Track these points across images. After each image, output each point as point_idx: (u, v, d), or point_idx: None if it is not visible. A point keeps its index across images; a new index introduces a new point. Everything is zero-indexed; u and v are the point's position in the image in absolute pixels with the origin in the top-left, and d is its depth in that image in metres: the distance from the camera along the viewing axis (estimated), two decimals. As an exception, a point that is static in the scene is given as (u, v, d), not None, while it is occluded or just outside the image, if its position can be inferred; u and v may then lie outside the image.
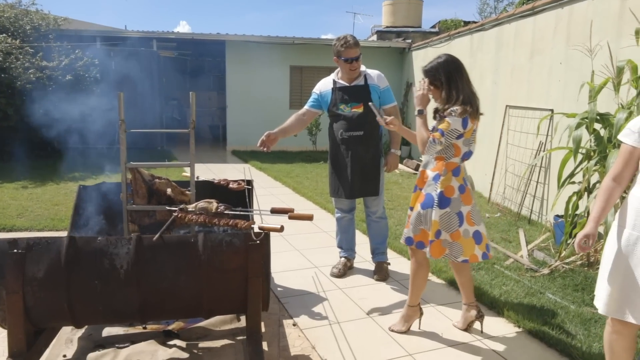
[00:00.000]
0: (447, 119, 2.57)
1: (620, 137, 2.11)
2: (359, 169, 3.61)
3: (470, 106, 2.58)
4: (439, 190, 2.63)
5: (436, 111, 2.72)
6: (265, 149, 3.48)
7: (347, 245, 3.94)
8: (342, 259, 3.92)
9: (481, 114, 2.67)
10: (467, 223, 2.66)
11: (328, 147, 3.82)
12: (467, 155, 2.70)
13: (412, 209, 2.81)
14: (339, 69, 3.62)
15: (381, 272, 3.77)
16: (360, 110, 3.54)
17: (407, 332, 2.94)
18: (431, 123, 2.72)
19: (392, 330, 2.94)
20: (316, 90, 3.73)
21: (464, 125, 2.57)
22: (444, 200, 2.63)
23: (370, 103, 3.06)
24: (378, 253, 3.86)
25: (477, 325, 2.96)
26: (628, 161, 2.04)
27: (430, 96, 2.72)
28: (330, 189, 3.84)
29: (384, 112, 3.66)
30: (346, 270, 3.87)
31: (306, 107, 3.75)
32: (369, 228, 3.90)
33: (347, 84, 3.58)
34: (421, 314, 2.96)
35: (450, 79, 2.61)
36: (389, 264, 3.88)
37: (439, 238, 2.65)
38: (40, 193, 6.43)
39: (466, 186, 2.69)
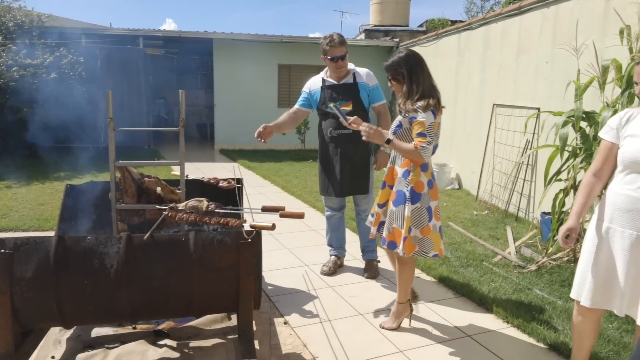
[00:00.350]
0: (418, 119, 2.59)
1: (600, 134, 2.18)
2: (348, 167, 3.62)
3: (432, 99, 2.62)
4: (409, 187, 2.65)
5: (398, 106, 2.76)
6: (262, 140, 3.44)
7: (337, 244, 3.95)
8: (332, 257, 3.93)
9: (443, 107, 2.72)
10: (435, 218, 2.70)
11: (317, 146, 3.83)
12: (434, 150, 2.69)
13: (380, 205, 2.83)
14: (327, 67, 3.62)
15: (371, 270, 3.78)
16: (349, 108, 3.53)
17: (398, 329, 2.96)
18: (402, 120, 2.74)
19: (383, 328, 2.96)
20: (306, 89, 3.73)
21: (434, 116, 2.61)
22: (415, 196, 2.65)
23: (331, 104, 3.08)
24: (368, 251, 3.87)
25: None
26: (607, 157, 2.12)
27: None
28: (320, 187, 3.84)
29: (374, 110, 3.67)
30: (336, 268, 3.88)
31: (296, 106, 3.75)
32: (358, 226, 3.91)
33: (336, 82, 3.58)
34: (411, 310, 2.97)
35: (412, 73, 2.65)
36: (379, 261, 3.89)
37: (410, 234, 2.65)
38: (24, 193, 6.33)
39: (434, 181, 2.74)
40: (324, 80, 3.64)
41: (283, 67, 11.68)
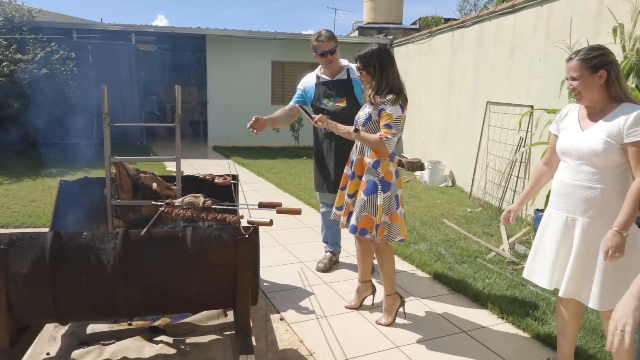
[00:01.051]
0: (386, 111, 2.70)
1: (549, 128, 2.43)
2: (342, 163, 3.61)
3: (400, 94, 2.74)
4: (380, 176, 2.77)
5: (367, 98, 2.84)
6: (255, 132, 3.42)
7: (332, 240, 3.95)
8: (328, 253, 3.93)
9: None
10: (401, 205, 2.85)
11: (311, 143, 3.83)
12: (399, 142, 2.84)
13: (350, 196, 2.91)
14: (320, 64, 3.63)
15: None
16: (343, 104, 3.54)
17: (394, 324, 2.97)
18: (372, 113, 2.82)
19: (380, 324, 2.97)
20: (300, 86, 3.74)
21: (402, 109, 2.73)
22: (386, 185, 2.77)
23: (299, 106, 3.22)
24: None
25: (368, 300, 3.22)
26: (553, 148, 2.36)
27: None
28: (314, 183, 3.85)
29: None
30: (332, 264, 3.89)
31: (291, 103, 3.75)
32: None
33: (330, 79, 3.59)
34: (402, 301, 3.02)
35: (382, 67, 2.74)
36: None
37: (382, 221, 2.78)
38: (16, 189, 6.26)
39: (399, 171, 2.91)
40: (318, 77, 3.64)
41: (276, 63, 11.65)
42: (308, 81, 3.71)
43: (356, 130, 2.83)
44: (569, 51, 4.11)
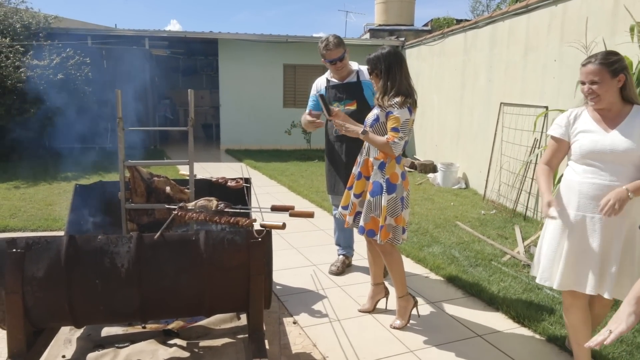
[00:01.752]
0: (393, 114, 2.70)
1: (549, 132, 2.42)
2: (353, 166, 3.60)
3: (409, 97, 2.74)
4: (386, 177, 2.77)
5: (376, 100, 2.84)
6: (317, 125, 3.59)
7: (345, 243, 3.94)
8: (341, 256, 3.92)
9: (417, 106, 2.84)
10: (405, 207, 2.85)
11: (323, 145, 3.83)
12: (406, 145, 2.83)
13: (357, 196, 2.92)
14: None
15: None
16: (353, 107, 3.53)
17: (408, 327, 2.95)
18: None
19: (394, 327, 2.94)
20: (314, 91, 3.75)
21: (410, 112, 2.73)
22: (391, 187, 2.77)
23: (319, 94, 3.07)
24: None
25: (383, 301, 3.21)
26: (555, 151, 2.39)
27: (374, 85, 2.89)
28: (327, 186, 3.85)
29: None
30: (345, 267, 3.87)
31: (308, 109, 3.78)
32: None
33: (340, 82, 3.59)
34: (415, 302, 3.00)
35: (389, 70, 2.75)
36: None
37: (385, 223, 2.77)
38: (32, 193, 6.36)
39: (406, 173, 2.87)
40: (328, 81, 3.65)
41: (288, 67, 11.68)
42: (319, 85, 3.72)
43: (364, 132, 2.84)
44: (584, 51, 4.05)
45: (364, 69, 3.63)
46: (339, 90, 3.57)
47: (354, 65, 3.61)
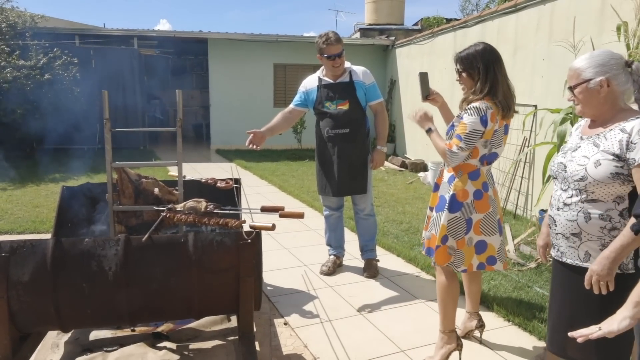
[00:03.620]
0: (463, 120, 2.35)
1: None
2: (346, 166, 3.59)
3: (499, 103, 2.34)
4: (451, 193, 2.44)
5: (463, 101, 2.50)
6: (255, 147, 3.41)
7: (336, 243, 3.93)
8: (332, 256, 3.91)
9: (516, 111, 2.47)
10: (474, 231, 2.45)
11: (314, 145, 3.80)
12: (489, 158, 2.45)
13: (431, 209, 2.61)
14: (323, 66, 3.59)
15: (370, 270, 3.77)
16: (346, 107, 3.51)
17: (399, 326, 2.95)
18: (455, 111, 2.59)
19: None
20: (302, 89, 3.70)
21: (484, 123, 2.31)
22: (455, 204, 2.42)
23: (421, 72, 2.77)
24: (367, 250, 3.85)
25: (476, 334, 2.83)
26: None
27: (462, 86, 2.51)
28: (317, 186, 3.82)
29: (371, 109, 3.64)
30: (335, 268, 3.86)
31: (292, 105, 3.72)
32: (357, 225, 3.89)
33: (332, 81, 3.56)
34: (460, 344, 2.53)
35: (488, 69, 2.37)
36: (378, 260, 3.88)
37: (446, 244, 2.45)
38: (19, 195, 6.27)
39: (485, 192, 2.45)
40: (320, 79, 3.61)
41: (278, 66, 11.65)
42: (310, 83, 3.68)
43: (429, 130, 2.56)
44: (572, 50, 4.08)
45: (356, 68, 3.61)
46: (331, 90, 3.55)
47: (346, 64, 3.58)
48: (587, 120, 1.93)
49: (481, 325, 2.79)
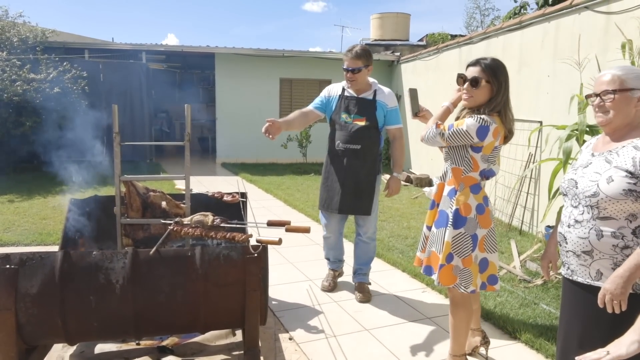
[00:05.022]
0: (466, 118, 2.30)
1: None
2: (352, 183, 3.47)
3: (506, 123, 2.35)
4: (454, 208, 2.34)
5: (463, 109, 2.47)
6: (270, 136, 3.20)
7: (335, 258, 3.82)
8: (330, 271, 3.83)
9: (512, 133, 2.44)
10: (479, 249, 2.37)
11: (319, 159, 3.77)
12: (488, 174, 2.42)
13: (429, 228, 2.52)
14: None
15: (364, 293, 3.61)
16: (362, 123, 3.40)
17: (402, 341, 2.92)
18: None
19: None
20: (325, 93, 3.61)
21: (480, 135, 2.26)
22: (458, 220, 2.33)
23: (410, 88, 2.75)
24: (360, 274, 3.71)
25: (482, 350, 2.79)
26: None
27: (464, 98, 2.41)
28: (320, 201, 3.65)
29: (388, 133, 3.55)
30: (336, 282, 3.80)
31: (311, 107, 3.61)
32: (356, 247, 3.74)
33: (356, 95, 3.47)
34: None
35: (506, 87, 2.35)
36: (369, 284, 3.74)
37: (450, 263, 2.34)
38: (27, 207, 6.32)
39: (486, 206, 2.39)
40: (343, 90, 3.52)
41: (284, 81, 11.75)
42: (334, 91, 3.58)
43: (415, 114, 2.54)
44: (577, 67, 4.11)
45: (383, 89, 3.51)
46: (352, 103, 3.45)
47: (374, 84, 3.51)
48: (597, 138, 1.92)
49: (486, 342, 2.75)
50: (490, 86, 2.33)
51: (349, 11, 58.00)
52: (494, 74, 2.33)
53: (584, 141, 3.86)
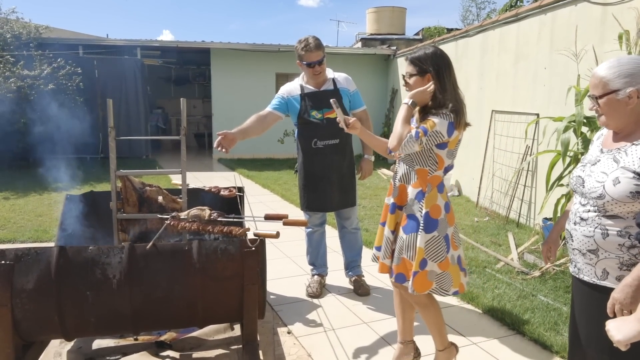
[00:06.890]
0: (432, 118, 2.15)
1: None
2: (337, 180, 3.41)
3: (457, 113, 2.17)
4: (424, 211, 2.20)
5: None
6: (223, 150, 2.95)
7: (320, 262, 3.69)
8: (315, 276, 3.65)
9: (468, 124, 2.26)
10: (452, 247, 2.27)
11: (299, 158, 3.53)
12: (449, 169, 2.31)
13: (392, 232, 2.35)
14: (303, 73, 3.40)
15: (362, 288, 3.57)
16: (333, 115, 3.26)
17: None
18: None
19: None
20: (283, 94, 3.42)
21: (449, 132, 2.16)
22: (430, 223, 2.20)
23: (332, 100, 2.48)
24: (355, 266, 3.65)
25: None
26: None
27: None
28: (302, 203, 3.51)
29: (355, 116, 3.41)
30: (322, 288, 3.63)
31: (269, 109, 3.40)
32: (342, 241, 3.68)
33: (316, 89, 3.35)
34: (456, 350, 2.48)
35: (438, 75, 2.19)
36: (363, 276, 3.69)
37: (425, 269, 2.21)
38: (22, 204, 6.28)
39: (450, 204, 2.30)
40: (302, 88, 3.38)
41: (280, 76, 11.70)
42: (291, 91, 3.42)
43: (413, 104, 2.22)
44: (575, 58, 4.10)
45: (338, 75, 3.44)
46: (316, 98, 3.35)
47: (329, 72, 3.43)
48: (609, 130, 1.83)
49: (418, 355, 2.58)
50: (428, 76, 2.21)
51: (344, 6, 57.91)
52: (420, 67, 2.22)
53: (582, 133, 3.87)
